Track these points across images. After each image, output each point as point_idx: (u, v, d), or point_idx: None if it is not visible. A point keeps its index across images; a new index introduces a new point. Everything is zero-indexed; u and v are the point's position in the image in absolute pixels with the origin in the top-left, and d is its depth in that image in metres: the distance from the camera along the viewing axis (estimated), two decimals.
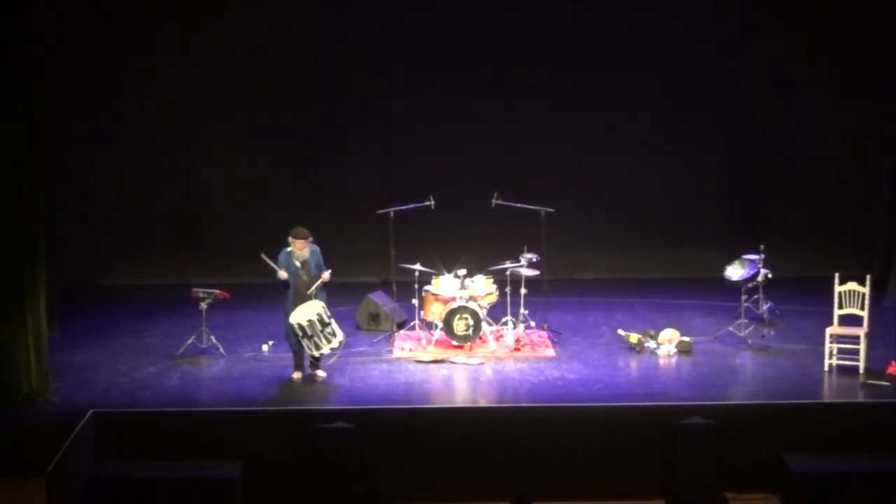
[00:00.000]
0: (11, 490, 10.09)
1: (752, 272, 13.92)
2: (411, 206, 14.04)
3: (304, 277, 12.47)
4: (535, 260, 13.94)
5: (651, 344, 13.47)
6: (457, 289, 13.63)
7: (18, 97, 11.64)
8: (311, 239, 12.48)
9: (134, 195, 16.61)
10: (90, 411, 11.30)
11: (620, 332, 13.76)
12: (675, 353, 13.32)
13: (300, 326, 12.20)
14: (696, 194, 16.85)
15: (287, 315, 12.37)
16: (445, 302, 13.59)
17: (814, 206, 16.85)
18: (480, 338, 13.48)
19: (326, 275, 12.47)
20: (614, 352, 13.46)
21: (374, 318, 14.37)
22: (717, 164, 16.85)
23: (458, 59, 16.52)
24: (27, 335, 11.81)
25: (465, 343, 13.39)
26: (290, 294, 12.44)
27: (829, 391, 12.32)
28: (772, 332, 14.01)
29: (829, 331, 12.67)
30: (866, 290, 12.62)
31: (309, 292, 12.40)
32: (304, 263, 12.44)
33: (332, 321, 12.39)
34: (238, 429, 11.46)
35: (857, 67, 16.45)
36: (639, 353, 13.40)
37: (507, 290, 13.81)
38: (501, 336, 13.83)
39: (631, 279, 16.78)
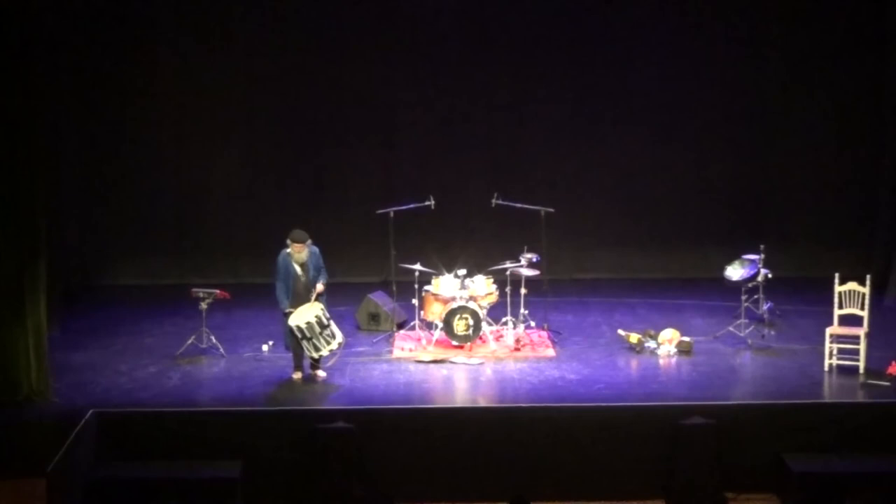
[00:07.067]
0: (11, 490, 10.10)
1: (752, 272, 13.93)
2: (411, 206, 14.04)
3: (304, 279, 12.46)
4: (535, 260, 13.94)
5: (651, 344, 13.47)
6: (457, 289, 13.63)
7: (18, 98, 11.64)
8: (309, 241, 12.47)
9: (134, 195, 16.60)
10: (90, 411, 11.30)
11: (620, 332, 13.76)
12: (675, 353, 13.32)
13: (299, 328, 12.19)
14: (696, 194, 16.85)
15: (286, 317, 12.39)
16: (445, 302, 13.59)
17: (814, 206, 16.84)
18: (480, 338, 13.48)
19: (320, 286, 12.46)
20: (614, 352, 13.46)
21: (374, 318, 14.37)
22: (717, 164, 16.84)
23: (458, 59, 16.51)
24: (27, 335, 11.81)
25: (465, 343, 13.39)
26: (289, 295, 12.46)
27: (829, 391, 12.32)
28: (772, 332, 14.02)
29: (829, 331, 12.67)
30: (866, 290, 12.62)
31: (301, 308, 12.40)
32: (303, 265, 12.44)
33: (332, 323, 12.38)
34: (238, 429, 11.46)
35: (857, 68, 16.44)
36: (639, 353, 13.40)
37: (507, 290, 13.81)
38: (501, 336, 13.83)
39: (631, 279, 16.77)
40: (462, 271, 13.78)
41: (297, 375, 12.56)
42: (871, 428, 11.55)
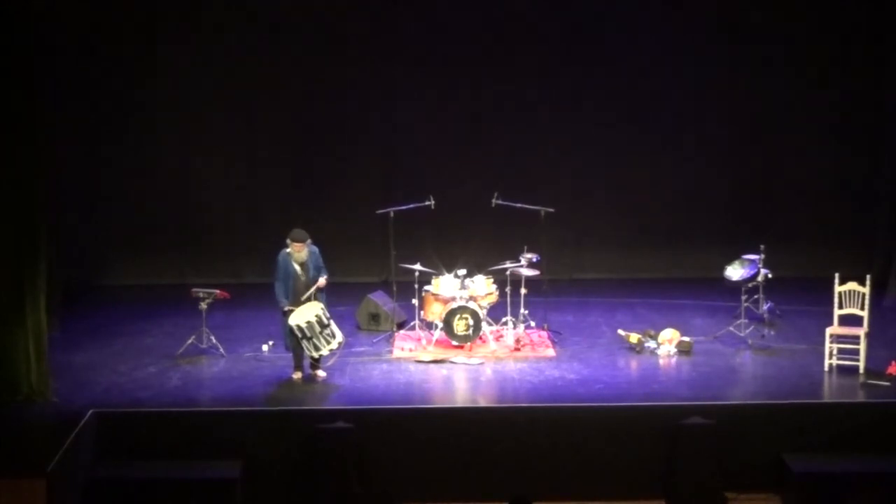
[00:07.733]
0: (11, 490, 10.10)
1: (752, 272, 13.93)
2: (411, 206, 14.04)
3: (303, 279, 12.46)
4: (535, 260, 13.94)
5: (651, 344, 13.47)
6: (457, 289, 13.63)
7: (18, 98, 11.64)
8: (309, 241, 12.47)
9: (134, 195, 16.58)
10: (90, 411, 11.30)
11: (620, 332, 13.76)
12: (675, 353, 13.31)
13: (299, 328, 12.19)
14: (696, 194, 16.83)
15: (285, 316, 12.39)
16: (445, 302, 13.59)
17: (814, 206, 16.83)
18: (480, 338, 13.48)
19: (322, 281, 12.46)
20: (614, 352, 13.46)
21: (374, 318, 14.37)
22: (717, 163, 16.83)
23: (458, 59, 16.49)
24: (27, 335, 11.80)
25: (465, 343, 13.39)
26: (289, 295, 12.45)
27: (829, 391, 12.32)
28: (772, 332, 14.01)
29: (829, 331, 12.67)
30: (866, 290, 12.62)
31: (303, 298, 12.39)
32: (302, 265, 12.44)
33: (332, 322, 12.38)
34: (238, 429, 11.46)
35: (857, 67, 16.44)
36: (639, 353, 13.40)
37: (507, 290, 13.81)
38: (501, 336, 13.83)
39: (631, 279, 16.77)
40: (462, 271, 13.78)
41: (297, 375, 12.56)
42: (871, 428, 11.55)
